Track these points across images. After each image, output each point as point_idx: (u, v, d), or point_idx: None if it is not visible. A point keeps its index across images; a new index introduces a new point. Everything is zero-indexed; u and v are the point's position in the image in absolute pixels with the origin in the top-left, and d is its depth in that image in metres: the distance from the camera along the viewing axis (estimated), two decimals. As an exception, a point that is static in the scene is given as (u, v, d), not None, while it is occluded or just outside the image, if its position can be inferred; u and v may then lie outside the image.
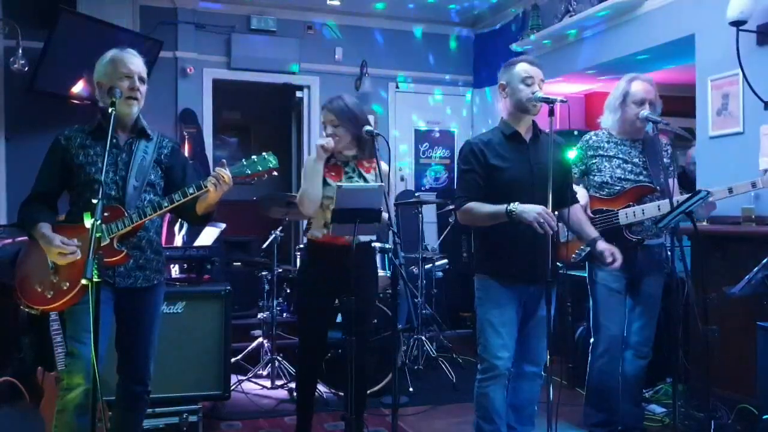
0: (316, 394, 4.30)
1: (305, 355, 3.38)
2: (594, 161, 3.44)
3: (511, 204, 2.72)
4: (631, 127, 3.39)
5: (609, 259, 3.04)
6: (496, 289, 2.91)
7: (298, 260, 4.97)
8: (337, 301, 3.32)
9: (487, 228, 2.93)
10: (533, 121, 2.98)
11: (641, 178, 3.38)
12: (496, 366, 2.88)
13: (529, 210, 2.67)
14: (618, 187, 3.37)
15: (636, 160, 3.41)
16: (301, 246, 4.54)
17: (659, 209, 3.22)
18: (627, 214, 3.32)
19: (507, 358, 2.89)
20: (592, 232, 3.11)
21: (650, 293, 3.45)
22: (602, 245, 3.06)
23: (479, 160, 2.89)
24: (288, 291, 5.41)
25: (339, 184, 3.09)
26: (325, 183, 3.17)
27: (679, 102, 6.36)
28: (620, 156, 3.41)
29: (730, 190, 3.21)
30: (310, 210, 3.18)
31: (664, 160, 3.41)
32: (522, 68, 2.91)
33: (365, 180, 3.24)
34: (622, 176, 3.38)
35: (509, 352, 2.90)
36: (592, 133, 3.55)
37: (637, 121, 3.33)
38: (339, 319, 3.93)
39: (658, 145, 3.39)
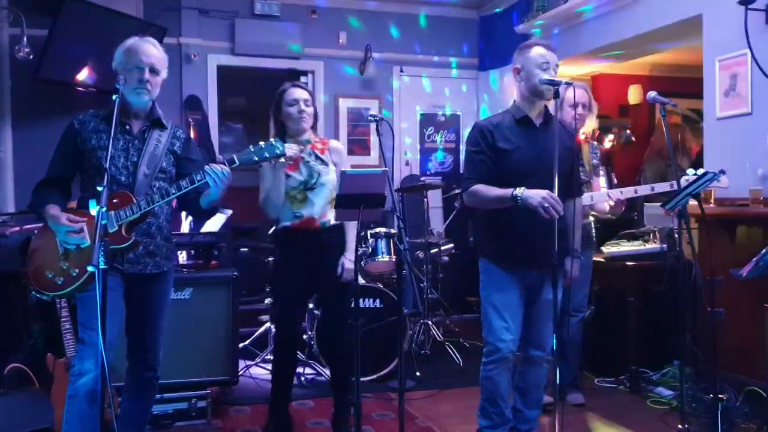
0: (324, 378, 4.35)
1: (279, 342, 3.47)
2: None
3: (517, 189, 2.71)
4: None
5: (566, 278, 3.01)
6: (498, 273, 2.93)
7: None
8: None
9: (491, 212, 2.93)
10: (545, 106, 2.97)
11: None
12: (499, 349, 2.89)
13: (534, 195, 2.67)
14: None
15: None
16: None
17: (592, 199, 3.73)
18: None
19: (510, 340, 2.90)
20: (576, 242, 3.08)
21: (582, 265, 3.55)
22: (569, 265, 3.01)
23: (488, 142, 2.88)
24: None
25: (343, 169, 3.11)
26: (286, 176, 3.26)
27: (686, 83, 6.33)
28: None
29: (652, 189, 3.65)
30: (275, 214, 3.32)
31: (593, 161, 3.89)
32: (538, 52, 2.89)
33: (322, 161, 3.33)
34: None
35: (513, 335, 2.90)
36: None
37: (572, 121, 3.57)
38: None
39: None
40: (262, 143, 2.65)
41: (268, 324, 4.97)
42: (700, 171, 3.03)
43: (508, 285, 2.92)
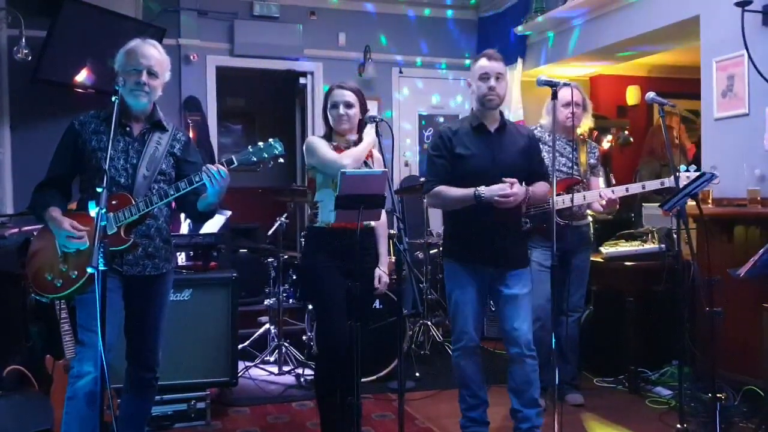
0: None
1: (328, 361, 3.13)
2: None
3: (479, 188, 2.91)
4: (562, 126, 3.80)
5: (505, 191, 2.91)
6: (457, 271, 3.15)
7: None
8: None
9: (453, 213, 3.12)
10: (500, 113, 3.14)
11: (572, 171, 3.80)
12: (462, 339, 3.13)
13: (488, 191, 2.89)
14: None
15: (569, 155, 3.85)
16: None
17: (584, 198, 3.72)
18: (557, 202, 3.54)
19: (472, 332, 3.12)
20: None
21: (579, 265, 3.91)
22: (485, 191, 2.93)
23: (447, 147, 3.08)
24: (294, 277, 5.43)
25: (343, 170, 3.08)
26: None
27: (684, 84, 6.33)
28: (557, 149, 3.81)
29: (643, 187, 3.74)
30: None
31: (591, 160, 3.97)
32: (479, 65, 3.09)
33: (366, 166, 3.23)
34: (557, 167, 3.72)
35: (474, 327, 3.12)
36: (537, 126, 3.94)
37: (567, 120, 3.75)
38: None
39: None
40: (260, 144, 2.66)
41: (267, 325, 4.98)
42: (692, 168, 3.08)
43: (467, 282, 3.11)
